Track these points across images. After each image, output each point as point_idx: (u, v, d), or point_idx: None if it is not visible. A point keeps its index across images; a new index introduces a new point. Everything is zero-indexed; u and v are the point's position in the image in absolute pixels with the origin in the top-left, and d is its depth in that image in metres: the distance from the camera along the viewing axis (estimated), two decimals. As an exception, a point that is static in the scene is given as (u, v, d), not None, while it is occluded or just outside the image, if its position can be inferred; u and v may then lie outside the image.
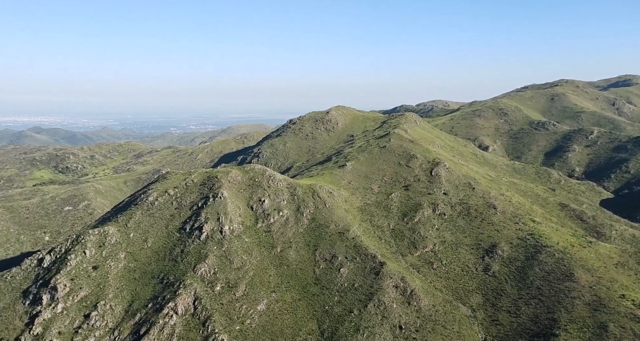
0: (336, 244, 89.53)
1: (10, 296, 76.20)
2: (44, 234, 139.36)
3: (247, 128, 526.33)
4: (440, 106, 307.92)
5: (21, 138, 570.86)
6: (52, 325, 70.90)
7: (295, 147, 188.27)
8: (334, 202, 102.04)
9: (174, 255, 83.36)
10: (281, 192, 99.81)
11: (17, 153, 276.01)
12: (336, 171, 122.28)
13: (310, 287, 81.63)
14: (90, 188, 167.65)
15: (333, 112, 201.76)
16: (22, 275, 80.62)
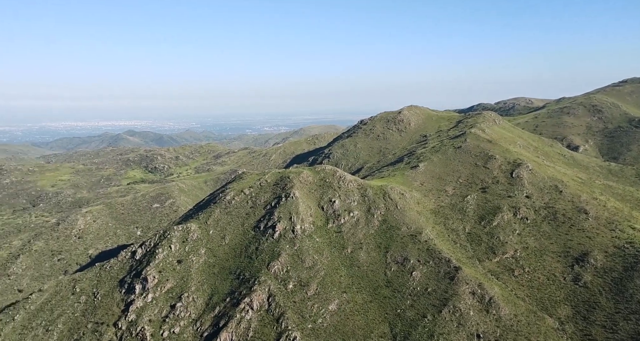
0: (408, 247, 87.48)
1: (109, 285, 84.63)
2: (136, 229, 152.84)
3: (318, 129, 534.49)
4: (522, 104, 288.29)
5: (118, 140, 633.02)
6: (144, 313, 77.53)
7: (366, 148, 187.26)
8: (406, 204, 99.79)
9: (249, 252, 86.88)
10: (352, 193, 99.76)
11: (114, 155, 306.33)
12: (408, 172, 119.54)
13: (381, 289, 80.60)
14: (175, 187, 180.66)
15: (405, 112, 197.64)
16: (118, 265, 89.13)
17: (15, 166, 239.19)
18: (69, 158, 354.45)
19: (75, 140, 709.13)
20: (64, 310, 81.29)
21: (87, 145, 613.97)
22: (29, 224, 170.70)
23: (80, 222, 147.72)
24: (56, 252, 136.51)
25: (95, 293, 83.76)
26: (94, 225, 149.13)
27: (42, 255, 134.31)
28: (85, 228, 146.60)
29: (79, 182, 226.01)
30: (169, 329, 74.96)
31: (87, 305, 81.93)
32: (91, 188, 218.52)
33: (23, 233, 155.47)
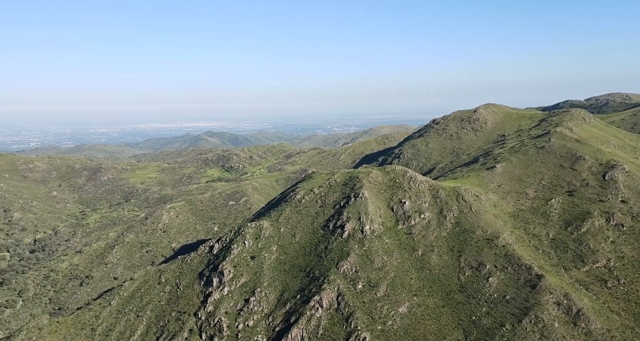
0: (484, 251, 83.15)
1: (190, 277, 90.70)
2: (214, 225, 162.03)
3: (388, 129, 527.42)
4: (618, 100, 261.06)
5: (198, 141, 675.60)
6: (220, 305, 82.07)
7: (438, 148, 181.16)
8: (481, 206, 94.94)
9: (318, 250, 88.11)
10: (422, 194, 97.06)
11: (195, 154, 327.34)
12: (484, 173, 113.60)
13: (454, 294, 77.50)
14: (249, 185, 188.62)
15: (481, 111, 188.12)
16: (198, 259, 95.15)
17: (111, 165, 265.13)
18: (156, 158, 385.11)
19: (161, 141, 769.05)
20: (152, 298, 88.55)
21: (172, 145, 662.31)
22: (122, 218, 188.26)
23: (165, 217, 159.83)
24: (145, 244, 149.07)
25: (178, 283, 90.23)
26: (176, 220, 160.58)
27: (133, 247, 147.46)
28: (169, 223, 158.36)
29: (164, 179, 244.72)
30: (244, 322, 78.50)
31: (171, 294, 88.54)
32: (174, 185, 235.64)
33: (117, 226, 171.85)
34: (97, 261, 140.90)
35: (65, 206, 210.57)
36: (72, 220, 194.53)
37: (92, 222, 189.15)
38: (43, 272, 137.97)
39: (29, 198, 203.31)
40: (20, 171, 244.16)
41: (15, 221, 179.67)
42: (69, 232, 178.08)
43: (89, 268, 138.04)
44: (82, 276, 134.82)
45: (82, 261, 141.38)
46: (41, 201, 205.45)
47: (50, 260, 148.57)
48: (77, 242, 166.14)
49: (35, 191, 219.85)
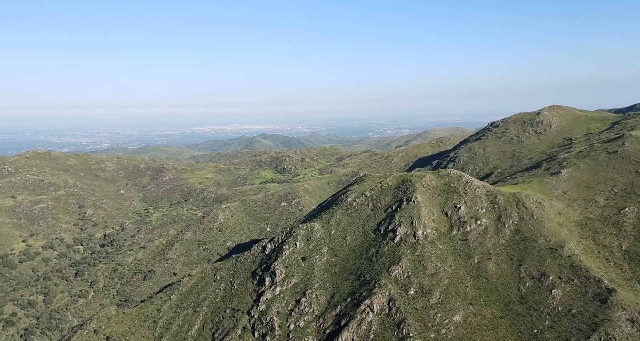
0: (546, 261, 78.35)
1: (244, 276, 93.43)
2: (266, 225, 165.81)
3: (443, 132, 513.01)
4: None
5: (253, 143, 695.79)
6: (272, 304, 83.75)
7: (496, 152, 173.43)
8: (544, 214, 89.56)
9: (369, 254, 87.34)
10: (479, 199, 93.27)
11: (249, 156, 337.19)
12: (547, 179, 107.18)
13: (513, 305, 73.66)
14: (301, 187, 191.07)
15: (545, 113, 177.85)
16: (251, 258, 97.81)
17: (172, 165, 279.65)
18: (213, 159, 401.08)
19: (218, 143, 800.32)
20: (208, 295, 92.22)
21: (228, 147, 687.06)
22: (182, 216, 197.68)
23: (220, 217, 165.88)
24: (202, 242, 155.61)
25: (232, 281, 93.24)
26: (231, 219, 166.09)
27: (191, 244, 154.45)
28: (225, 222, 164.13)
29: (220, 180, 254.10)
30: (295, 322, 79.51)
31: (225, 292, 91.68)
32: (230, 186, 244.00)
33: (177, 224, 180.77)
34: (159, 257, 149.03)
35: (131, 204, 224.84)
36: (137, 217, 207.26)
37: (154, 220, 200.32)
38: (111, 265, 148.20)
39: (100, 195, 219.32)
40: (93, 170, 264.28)
41: (88, 217, 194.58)
42: (134, 229, 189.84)
43: (152, 264, 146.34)
44: (145, 271, 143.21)
45: (146, 257, 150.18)
46: (110, 198, 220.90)
47: (118, 254, 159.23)
48: (141, 238, 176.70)
49: (105, 189, 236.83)
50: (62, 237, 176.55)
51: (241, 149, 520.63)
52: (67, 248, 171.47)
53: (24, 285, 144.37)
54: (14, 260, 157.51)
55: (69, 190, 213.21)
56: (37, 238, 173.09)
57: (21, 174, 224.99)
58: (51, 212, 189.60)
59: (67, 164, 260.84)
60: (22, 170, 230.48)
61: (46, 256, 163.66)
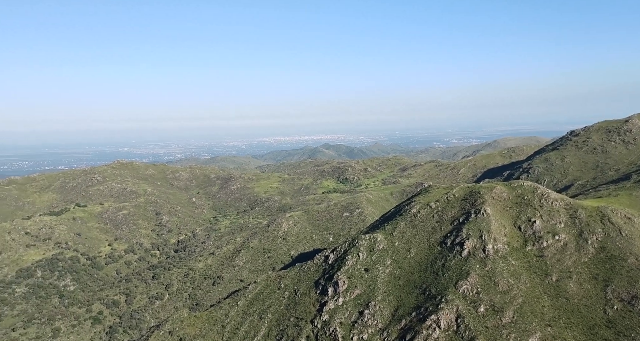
0: (638, 283, 70.71)
1: (307, 284, 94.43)
2: (329, 235, 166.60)
3: (515, 141, 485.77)
4: None
5: (315, 153, 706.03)
6: (335, 315, 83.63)
7: (577, 162, 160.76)
8: (634, 230, 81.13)
9: (435, 267, 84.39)
10: (557, 213, 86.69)
11: (312, 166, 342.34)
12: (638, 192, 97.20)
13: (599, 329, 67.15)
14: (363, 197, 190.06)
15: (635, 120, 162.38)
16: (314, 268, 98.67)
17: (239, 175, 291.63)
18: (277, 169, 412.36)
19: (282, 153, 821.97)
20: (272, 302, 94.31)
21: (291, 157, 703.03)
22: (248, 224, 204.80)
23: (284, 225, 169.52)
24: (266, 250, 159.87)
25: (295, 290, 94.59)
26: (295, 228, 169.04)
27: (256, 252, 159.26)
28: (288, 231, 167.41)
29: (284, 189, 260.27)
30: (358, 334, 78.64)
31: (289, 300, 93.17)
32: (293, 195, 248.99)
33: (244, 232, 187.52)
34: (227, 264, 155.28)
35: (202, 211, 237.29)
36: (207, 224, 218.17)
37: (222, 227, 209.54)
38: (184, 270, 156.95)
39: (175, 203, 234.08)
40: (168, 179, 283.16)
41: (164, 223, 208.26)
42: (205, 235, 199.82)
43: (220, 270, 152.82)
44: (214, 276, 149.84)
45: (215, 263, 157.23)
46: (184, 206, 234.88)
47: (190, 260, 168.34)
48: (210, 245, 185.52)
49: (179, 197, 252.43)
50: (141, 241, 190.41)
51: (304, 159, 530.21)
52: (146, 252, 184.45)
53: (109, 286, 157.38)
54: (101, 262, 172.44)
55: (148, 198, 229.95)
56: (120, 242, 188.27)
57: (108, 183, 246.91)
58: (132, 218, 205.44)
59: (146, 173, 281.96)
60: (109, 179, 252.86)
61: (128, 259, 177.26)
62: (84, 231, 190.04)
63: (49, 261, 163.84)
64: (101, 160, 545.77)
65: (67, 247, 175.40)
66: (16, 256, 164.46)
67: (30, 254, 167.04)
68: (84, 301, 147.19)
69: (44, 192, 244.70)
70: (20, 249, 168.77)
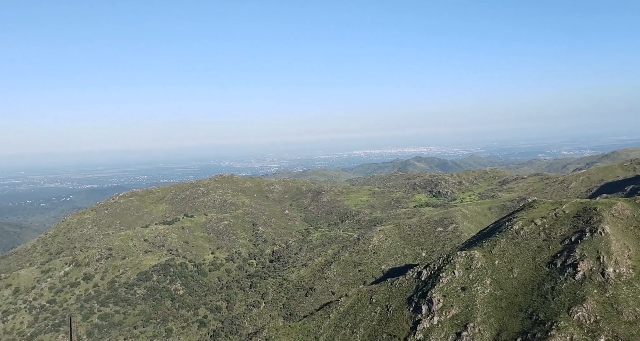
0: None
1: (399, 301, 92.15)
2: (421, 250, 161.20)
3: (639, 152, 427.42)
4: None
5: (406, 166, 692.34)
6: (431, 334, 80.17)
7: None
8: None
9: (542, 290, 76.92)
10: (699, 233, 73.90)
11: (403, 179, 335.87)
12: None
13: None
14: (458, 212, 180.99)
15: None
16: (406, 284, 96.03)
17: (330, 188, 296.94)
18: (367, 182, 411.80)
19: (372, 166, 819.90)
20: (364, 317, 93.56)
21: (381, 170, 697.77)
22: (338, 237, 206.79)
23: (375, 239, 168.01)
24: (357, 263, 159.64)
25: (387, 306, 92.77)
26: (385, 242, 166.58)
27: (347, 265, 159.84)
28: (379, 245, 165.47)
29: (374, 203, 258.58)
30: (454, 356, 74.41)
31: (381, 315, 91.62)
32: (384, 209, 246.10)
33: (334, 244, 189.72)
34: (318, 275, 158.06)
35: (295, 223, 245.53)
36: (299, 236, 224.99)
37: (314, 239, 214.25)
38: (278, 280, 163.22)
39: (270, 215, 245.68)
40: (264, 192, 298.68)
41: (260, 234, 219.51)
42: (297, 247, 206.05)
43: (312, 281, 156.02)
44: (307, 288, 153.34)
45: (307, 274, 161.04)
46: (278, 218, 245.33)
47: (283, 270, 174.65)
48: (303, 256, 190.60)
49: (273, 209, 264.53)
50: (240, 251, 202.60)
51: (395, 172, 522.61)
52: (244, 261, 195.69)
53: (212, 292, 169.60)
54: (205, 269, 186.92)
55: (246, 210, 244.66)
56: (221, 251, 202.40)
57: (211, 195, 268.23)
58: (232, 228, 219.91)
59: (244, 186, 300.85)
60: (212, 192, 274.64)
61: (228, 267, 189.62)
62: (191, 239, 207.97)
63: (162, 266, 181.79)
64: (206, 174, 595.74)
65: (177, 253, 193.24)
66: (137, 260, 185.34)
67: (147, 259, 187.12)
68: (192, 305, 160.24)
69: (158, 203, 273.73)
70: (140, 254, 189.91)
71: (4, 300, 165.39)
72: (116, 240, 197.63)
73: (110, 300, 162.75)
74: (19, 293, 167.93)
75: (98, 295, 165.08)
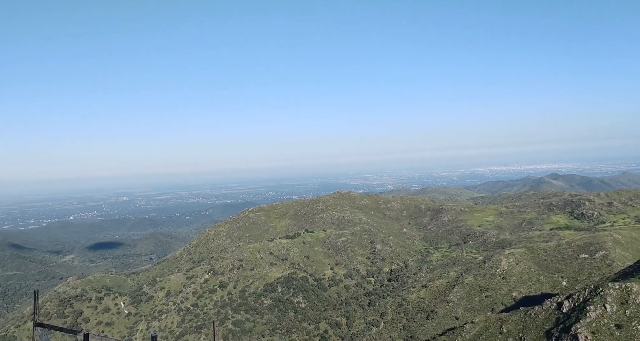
0: None
1: (535, 333, 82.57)
2: (561, 278, 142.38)
3: None
4: None
5: (540, 184, 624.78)
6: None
7: None
8: None
9: None
10: None
11: (535, 198, 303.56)
12: None
13: None
14: (608, 237, 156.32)
15: None
16: (543, 315, 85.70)
17: (451, 206, 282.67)
18: (493, 201, 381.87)
19: (498, 184, 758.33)
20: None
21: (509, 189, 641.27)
22: (461, 259, 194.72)
23: (503, 263, 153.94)
24: (483, 288, 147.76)
25: (521, 337, 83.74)
26: (516, 267, 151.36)
27: (472, 289, 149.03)
28: (509, 270, 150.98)
29: (502, 223, 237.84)
30: None
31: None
32: (513, 230, 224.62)
33: (457, 266, 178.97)
34: (440, 298, 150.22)
35: (413, 242, 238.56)
36: (418, 255, 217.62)
37: (434, 259, 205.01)
38: (397, 300, 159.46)
39: (387, 232, 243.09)
40: (380, 209, 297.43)
41: (377, 251, 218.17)
42: (416, 267, 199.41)
43: (433, 304, 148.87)
44: (428, 310, 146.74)
45: (427, 296, 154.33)
46: (395, 236, 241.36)
47: (402, 290, 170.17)
48: (422, 277, 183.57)
49: (390, 227, 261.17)
50: (358, 268, 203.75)
51: (526, 191, 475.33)
52: (362, 278, 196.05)
53: (332, 307, 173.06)
54: (325, 284, 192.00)
55: (363, 227, 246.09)
56: (340, 267, 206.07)
57: (329, 211, 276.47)
58: (350, 245, 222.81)
59: (361, 203, 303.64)
60: (330, 208, 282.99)
61: (347, 284, 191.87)
62: (311, 254, 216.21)
63: (285, 279, 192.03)
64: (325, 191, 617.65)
65: (299, 267, 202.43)
66: (263, 272, 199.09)
67: (272, 271, 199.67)
68: (313, 319, 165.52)
69: (282, 218, 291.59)
70: (266, 267, 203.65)
71: (159, 301, 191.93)
72: (246, 252, 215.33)
73: (242, 307, 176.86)
74: (170, 295, 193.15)
75: (231, 302, 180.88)
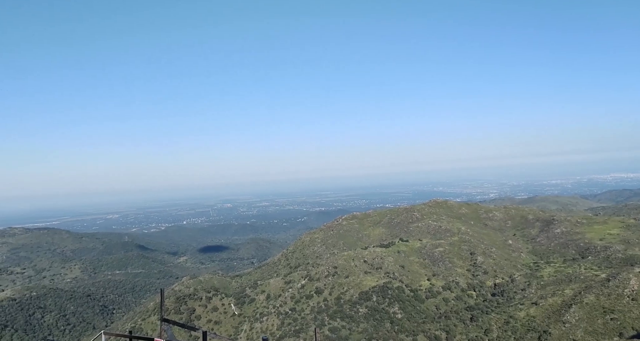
0: None
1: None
2: None
3: None
4: None
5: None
6: None
7: None
8: None
9: None
10: None
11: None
12: None
13: None
14: None
15: None
16: (689, 345, 72.14)
17: (564, 217, 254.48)
18: (618, 212, 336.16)
19: (625, 193, 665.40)
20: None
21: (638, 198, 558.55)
22: (579, 275, 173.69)
23: (633, 282, 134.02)
24: (608, 310, 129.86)
25: (660, 371, 71.40)
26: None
27: (593, 310, 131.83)
28: (639, 290, 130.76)
29: (630, 237, 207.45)
30: None
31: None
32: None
33: (574, 284, 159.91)
34: (554, 318, 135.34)
35: (519, 255, 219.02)
36: (525, 269, 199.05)
37: (545, 275, 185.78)
38: (503, 317, 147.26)
39: (489, 244, 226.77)
40: (481, 219, 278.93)
41: (478, 264, 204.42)
42: (524, 282, 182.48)
43: (546, 323, 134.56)
44: (540, 330, 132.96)
45: (539, 314, 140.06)
46: (498, 248, 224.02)
47: (509, 306, 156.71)
48: (532, 293, 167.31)
49: (493, 238, 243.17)
50: (457, 280, 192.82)
51: None
52: (462, 291, 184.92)
53: (429, 320, 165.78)
54: (422, 296, 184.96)
55: (462, 237, 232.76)
56: (437, 278, 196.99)
57: (425, 220, 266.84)
58: (447, 256, 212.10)
59: (459, 212, 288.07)
60: (426, 217, 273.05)
61: (445, 296, 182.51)
62: (406, 264, 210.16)
63: (380, 288, 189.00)
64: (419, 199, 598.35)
65: (394, 277, 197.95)
66: (358, 280, 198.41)
67: (367, 280, 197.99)
68: (410, 331, 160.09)
69: (375, 227, 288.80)
70: (361, 274, 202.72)
71: (260, 304, 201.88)
72: (340, 259, 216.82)
73: (337, 314, 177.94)
74: (270, 299, 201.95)
75: (327, 309, 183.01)
